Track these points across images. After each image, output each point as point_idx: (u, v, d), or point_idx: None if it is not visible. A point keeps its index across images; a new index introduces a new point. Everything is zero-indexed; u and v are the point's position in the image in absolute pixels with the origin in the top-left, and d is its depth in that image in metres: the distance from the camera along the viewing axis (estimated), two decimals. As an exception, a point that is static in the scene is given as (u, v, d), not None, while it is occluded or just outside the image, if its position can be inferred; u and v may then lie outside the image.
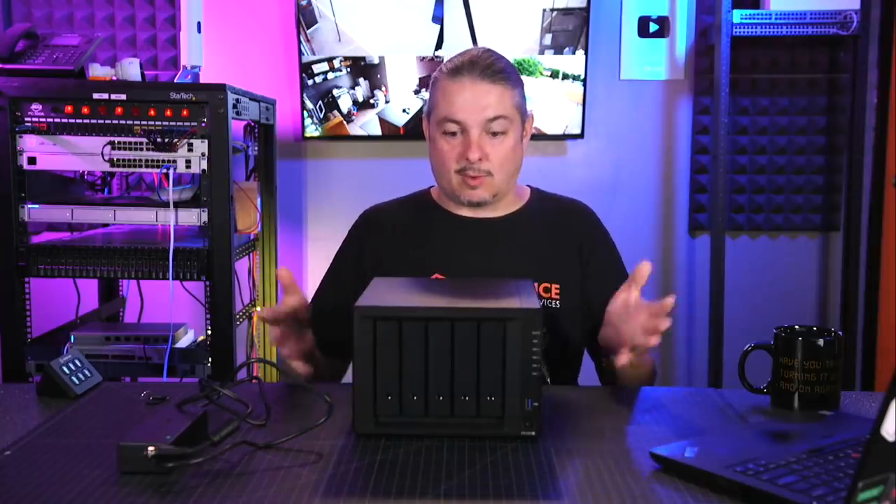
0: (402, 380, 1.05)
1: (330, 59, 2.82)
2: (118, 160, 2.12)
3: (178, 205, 2.15)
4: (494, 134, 1.46)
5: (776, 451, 0.98)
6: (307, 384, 1.31)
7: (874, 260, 2.90)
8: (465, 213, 1.55)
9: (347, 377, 1.52)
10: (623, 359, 1.20)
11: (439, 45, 2.81)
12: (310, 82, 2.83)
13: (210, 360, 2.18)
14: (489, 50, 1.51)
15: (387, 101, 2.85)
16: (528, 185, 1.64)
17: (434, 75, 1.52)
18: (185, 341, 2.32)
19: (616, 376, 1.36)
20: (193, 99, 2.09)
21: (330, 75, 2.83)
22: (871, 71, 2.81)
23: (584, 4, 2.78)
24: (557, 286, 1.49)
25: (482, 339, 1.04)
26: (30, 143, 2.12)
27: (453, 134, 1.47)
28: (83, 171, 2.33)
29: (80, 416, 1.17)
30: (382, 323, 1.04)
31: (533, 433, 1.05)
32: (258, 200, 2.49)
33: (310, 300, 1.61)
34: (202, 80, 2.28)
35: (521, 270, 1.49)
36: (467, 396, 1.06)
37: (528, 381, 1.05)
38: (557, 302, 1.49)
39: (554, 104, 2.84)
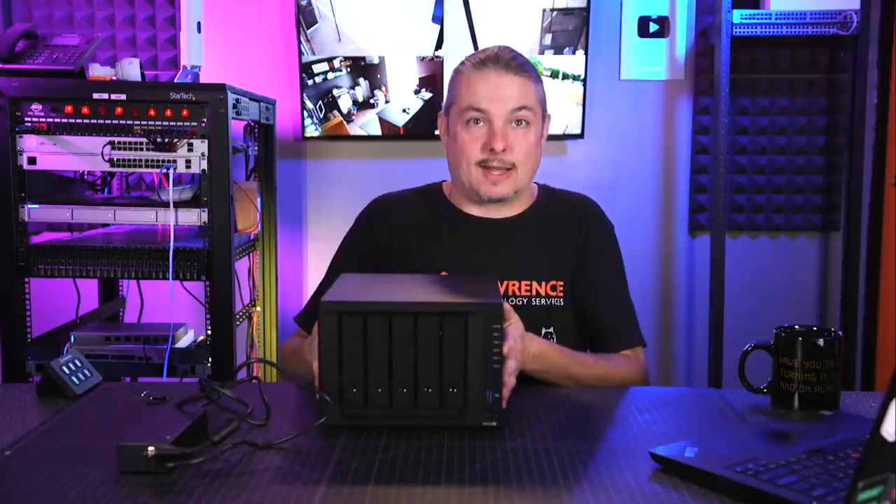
0: (367, 373, 1.08)
1: (330, 59, 2.82)
2: (118, 160, 2.12)
3: (178, 205, 2.15)
4: (518, 123, 1.46)
5: (776, 451, 0.98)
6: (307, 384, 1.31)
7: (874, 260, 2.90)
8: (476, 212, 1.54)
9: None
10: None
11: (439, 45, 2.81)
12: (310, 82, 2.83)
13: (210, 360, 2.18)
14: (510, 47, 1.52)
15: (387, 101, 2.85)
16: (535, 183, 1.63)
17: (455, 69, 1.53)
18: (185, 341, 2.32)
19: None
20: (193, 99, 2.09)
21: (330, 75, 2.83)
22: (871, 71, 2.81)
23: (584, 4, 2.78)
24: (562, 284, 1.49)
25: (445, 333, 1.07)
26: (30, 143, 2.12)
27: (476, 122, 1.46)
28: (83, 171, 2.33)
29: (80, 416, 1.17)
30: (347, 318, 1.07)
31: (494, 424, 1.08)
32: (258, 200, 2.49)
33: (313, 290, 1.60)
34: (202, 80, 2.28)
35: (527, 270, 1.49)
36: (430, 388, 1.08)
37: (489, 374, 1.08)
38: (562, 300, 1.49)
39: (554, 104, 2.83)
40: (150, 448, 0.93)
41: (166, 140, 2.10)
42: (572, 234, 1.54)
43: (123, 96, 2.10)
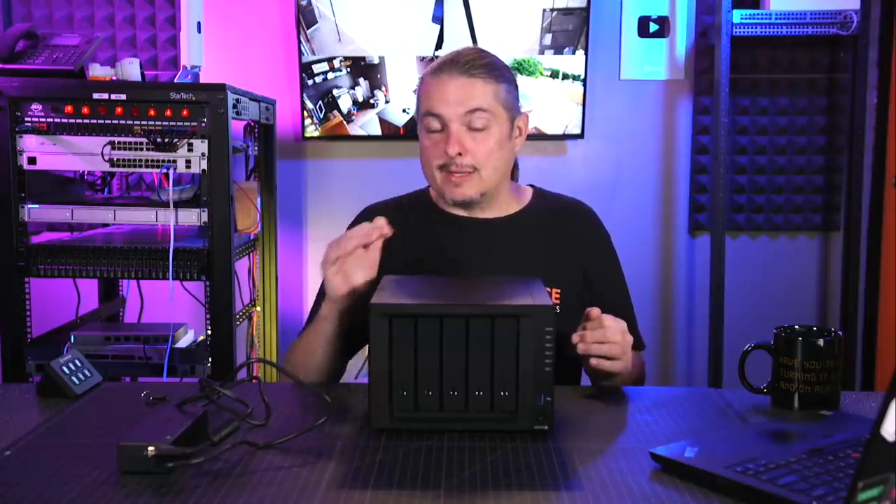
0: (417, 375, 1.07)
1: (330, 59, 2.82)
2: (118, 160, 2.12)
3: (178, 205, 2.15)
4: (477, 129, 1.44)
5: (776, 451, 0.98)
6: (307, 384, 1.31)
7: (874, 260, 2.90)
8: (462, 212, 1.54)
9: (346, 377, 1.53)
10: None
11: (439, 45, 2.81)
12: (310, 82, 2.83)
13: (210, 360, 2.18)
14: (476, 48, 1.51)
15: (387, 101, 2.85)
16: (530, 185, 1.63)
17: (421, 76, 1.53)
18: (185, 341, 2.32)
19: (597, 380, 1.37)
20: (193, 99, 2.09)
21: (330, 75, 2.83)
22: (871, 71, 2.81)
23: (584, 4, 2.78)
24: (558, 291, 1.49)
25: (496, 336, 1.06)
26: (30, 143, 2.12)
27: (435, 131, 1.45)
28: (83, 171, 2.32)
29: (80, 416, 1.17)
30: (398, 320, 1.06)
31: (546, 427, 1.07)
32: (258, 200, 2.49)
33: (313, 301, 1.61)
34: (202, 80, 2.28)
35: (519, 272, 1.48)
36: (481, 392, 1.07)
37: (541, 377, 1.06)
38: (558, 307, 1.48)
39: (554, 104, 2.84)
40: (150, 448, 0.93)
41: (166, 140, 2.10)
42: (572, 248, 1.53)
43: (123, 96, 2.10)
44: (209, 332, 2.18)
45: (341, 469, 0.96)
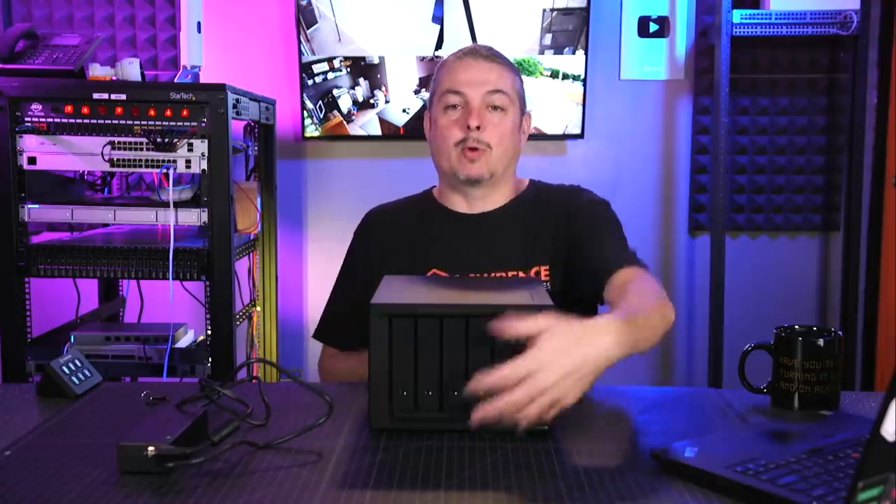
0: (417, 376, 1.07)
1: (330, 59, 2.82)
2: (118, 160, 2.12)
3: (178, 205, 2.15)
4: (495, 108, 1.51)
5: (776, 451, 0.98)
6: (307, 384, 1.31)
7: (874, 260, 2.90)
8: (462, 208, 1.58)
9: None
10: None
11: (439, 45, 2.81)
12: (310, 82, 2.83)
13: (210, 360, 2.18)
14: (491, 46, 1.60)
15: (387, 101, 2.85)
16: (529, 179, 1.66)
17: (439, 64, 1.60)
18: (185, 341, 2.32)
19: None
20: (193, 99, 2.09)
21: (330, 75, 2.83)
22: (871, 71, 2.81)
23: (584, 4, 2.78)
24: (546, 267, 1.51)
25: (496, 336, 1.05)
26: (30, 143, 2.12)
27: (454, 107, 1.51)
28: (83, 171, 2.32)
29: (80, 416, 1.17)
30: (398, 320, 1.06)
31: (546, 427, 1.06)
32: (258, 200, 2.49)
33: (327, 303, 1.63)
34: (202, 80, 2.28)
35: (513, 260, 1.52)
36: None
37: None
38: (548, 284, 1.51)
39: (554, 104, 2.83)
40: (150, 448, 0.93)
41: (166, 140, 2.09)
42: (556, 218, 1.54)
43: (123, 96, 2.10)
44: (209, 332, 2.18)
45: (341, 469, 0.96)
